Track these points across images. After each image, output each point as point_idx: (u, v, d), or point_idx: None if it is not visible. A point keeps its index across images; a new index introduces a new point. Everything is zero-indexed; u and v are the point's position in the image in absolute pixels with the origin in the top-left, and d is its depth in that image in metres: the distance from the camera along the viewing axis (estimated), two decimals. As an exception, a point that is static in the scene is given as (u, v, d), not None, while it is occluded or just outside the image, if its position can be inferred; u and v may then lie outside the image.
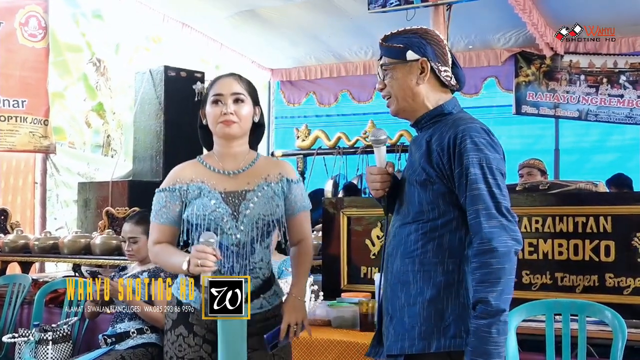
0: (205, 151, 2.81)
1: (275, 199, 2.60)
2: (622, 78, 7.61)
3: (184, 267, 2.40)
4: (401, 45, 2.27)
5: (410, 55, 2.27)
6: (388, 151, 7.67)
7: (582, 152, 8.14)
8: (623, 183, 6.47)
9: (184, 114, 6.38)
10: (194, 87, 6.09)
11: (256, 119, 2.67)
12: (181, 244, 2.59)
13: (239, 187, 2.58)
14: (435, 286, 2.15)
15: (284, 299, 2.71)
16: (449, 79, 2.30)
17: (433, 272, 2.16)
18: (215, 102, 2.57)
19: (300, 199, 2.69)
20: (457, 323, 2.13)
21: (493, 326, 2.00)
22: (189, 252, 2.46)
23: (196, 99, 5.82)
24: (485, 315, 2.01)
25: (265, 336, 2.54)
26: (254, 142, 2.73)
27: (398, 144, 7.57)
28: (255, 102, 2.67)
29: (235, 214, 2.54)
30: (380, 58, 2.33)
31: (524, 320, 3.13)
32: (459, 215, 2.15)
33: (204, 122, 2.64)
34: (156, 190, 2.66)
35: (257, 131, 2.73)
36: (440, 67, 2.27)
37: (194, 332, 2.56)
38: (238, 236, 2.53)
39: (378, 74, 2.35)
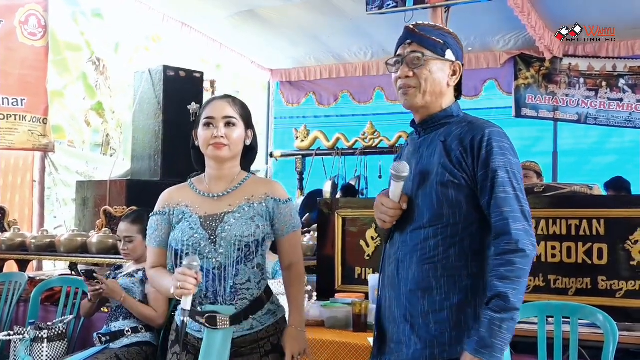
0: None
1: (256, 219, 2.58)
2: (622, 81, 7.61)
3: (171, 290, 2.43)
4: (441, 41, 2.24)
5: (449, 54, 2.25)
6: (387, 152, 7.73)
7: (580, 154, 8.14)
8: (622, 186, 6.49)
9: (182, 113, 6.39)
10: (188, 107, 6.15)
11: (248, 142, 2.68)
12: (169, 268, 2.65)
13: (218, 210, 2.59)
14: (462, 291, 2.11)
15: (285, 316, 2.71)
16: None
17: (458, 277, 2.12)
18: (207, 124, 2.59)
19: (290, 219, 2.66)
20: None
21: (505, 322, 2.00)
22: None
23: (191, 119, 5.87)
24: (501, 310, 2.00)
25: None
26: (245, 165, 2.74)
27: (397, 145, 7.60)
28: (248, 125, 2.68)
29: (212, 237, 2.54)
30: (410, 44, 2.24)
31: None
32: (480, 218, 2.13)
33: (196, 143, 2.66)
34: (150, 215, 2.72)
35: (248, 154, 2.74)
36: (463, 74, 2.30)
37: (188, 350, 2.61)
38: (219, 259, 2.53)
39: (404, 59, 2.24)
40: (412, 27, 2.28)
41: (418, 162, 2.24)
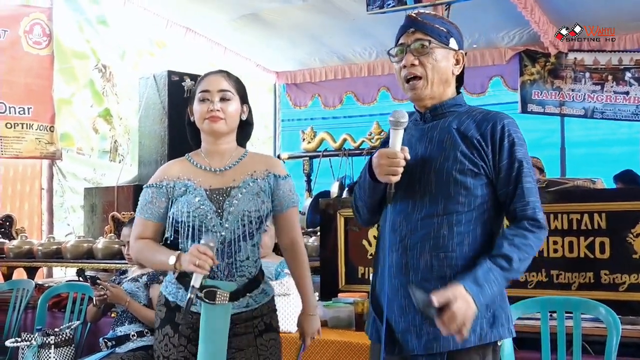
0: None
1: (261, 195, 2.58)
2: (628, 75, 7.55)
3: (171, 262, 2.41)
4: (445, 30, 2.22)
5: (453, 43, 2.24)
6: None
7: (589, 146, 8.08)
8: (631, 179, 6.44)
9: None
10: (182, 84, 6.12)
11: (244, 117, 2.67)
12: (167, 241, 2.59)
13: (224, 184, 2.58)
14: None
15: (274, 295, 2.71)
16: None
17: (472, 267, 2.09)
18: (203, 99, 2.57)
19: (289, 195, 2.66)
20: (499, 312, 2.15)
21: (500, 278, 2.04)
22: (173, 250, 2.48)
23: (185, 95, 5.85)
24: (502, 268, 2.04)
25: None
26: (241, 140, 2.72)
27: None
28: (243, 100, 2.66)
29: (219, 211, 2.53)
30: (414, 32, 2.20)
31: (519, 319, 3.13)
32: (491, 207, 2.16)
33: (192, 119, 2.64)
34: (144, 186, 2.67)
35: (245, 129, 2.72)
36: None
37: (180, 332, 2.56)
38: (223, 234, 2.51)
39: (408, 47, 2.20)
40: (414, 15, 2.24)
41: (427, 146, 2.20)
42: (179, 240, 2.54)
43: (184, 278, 2.52)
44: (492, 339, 2.13)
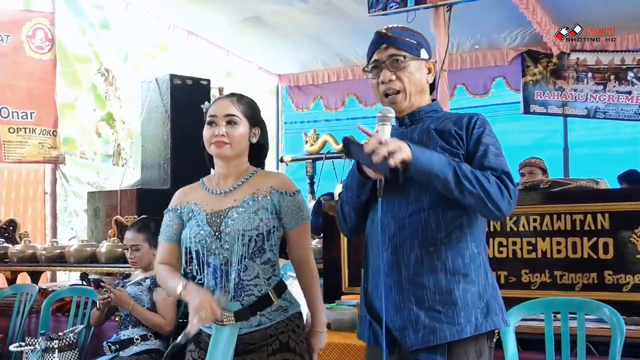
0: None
1: (260, 212, 2.55)
2: (630, 74, 7.56)
3: (178, 290, 2.48)
4: (415, 42, 2.32)
5: (423, 53, 2.33)
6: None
7: (592, 146, 8.07)
8: (635, 179, 6.42)
9: (190, 121, 6.37)
10: (202, 106, 6.12)
11: (253, 140, 2.66)
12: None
13: (223, 206, 2.58)
14: (466, 271, 2.18)
15: (299, 312, 2.70)
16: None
17: (461, 258, 2.19)
18: (210, 123, 2.59)
19: (297, 212, 2.61)
20: (492, 303, 2.21)
21: (447, 166, 2.10)
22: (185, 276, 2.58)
23: (204, 118, 5.85)
24: (450, 163, 2.11)
25: None
26: (256, 163, 2.72)
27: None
28: (254, 123, 2.66)
29: (217, 233, 2.54)
30: (387, 48, 2.29)
31: (523, 320, 3.13)
32: None
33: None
34: (164, 211, 2.73)
35: (257, 152, 2.72)
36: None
37: (200, 347, 2.61)
38: (225, 255, 2.53)
39: (384, 63, 2.29)
40: (384, 31, 2.33)
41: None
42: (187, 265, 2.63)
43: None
44: (487, 328, 2.19)
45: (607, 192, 3.78)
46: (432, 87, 2.41)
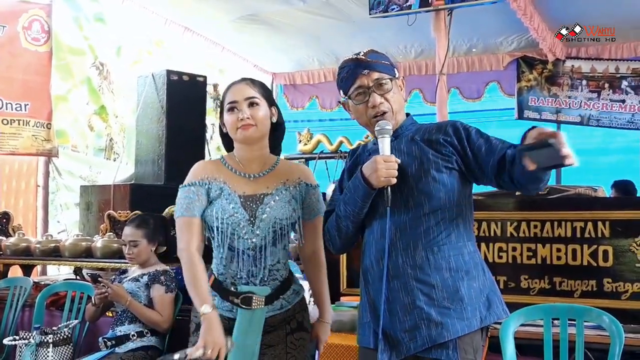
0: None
1: (292, 202, 2.62)
2: (624, 83, 7.61)
3: (203, 310, 2.44)
4: (389, 63, 2.43)
5: (396, 72, 2.45)
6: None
7: (585, 155, 8.12)
8: (628, 190, 6.48)
9: (186, 117, 6.40)
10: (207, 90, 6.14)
11: (274, 120, 2.68)
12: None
13: (257, 191, 2.61)
14: (468, 268, 2.30)
15: (306, 297, 2.79)
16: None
17: (461, 256, 2.31)
18: (232, 109, 2.60)
19: (317, 204, 2.69)
20: (492, 296, 2.35)
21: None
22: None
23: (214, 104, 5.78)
24: None
25: None
26: (275, 143, 2.74)
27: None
28: (271, 103, 2.69)
29: (252, 219, 2.57)
30: (369, 74, 2.37)
31: (522, 325, 3.14)
32: (467, 202, 2.38)
33: (224, 130, 2.68)
34: (180, 187, 2.65)
35: (276, 131, 2.73)
36: None
37: None
38: (254, 240, 2.56)
39: (370, 88, 2.36)
40: (363, 57, 2.40)
41: (398, 158, 2.34)
42: (213, 244, 2.63)
43: (218, 286, 2.62)
44: (491, 320, 2.32)
45: (608, 201, 3.82)
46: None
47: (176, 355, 2.42)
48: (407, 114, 2.52)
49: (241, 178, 2.64)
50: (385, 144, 2.32)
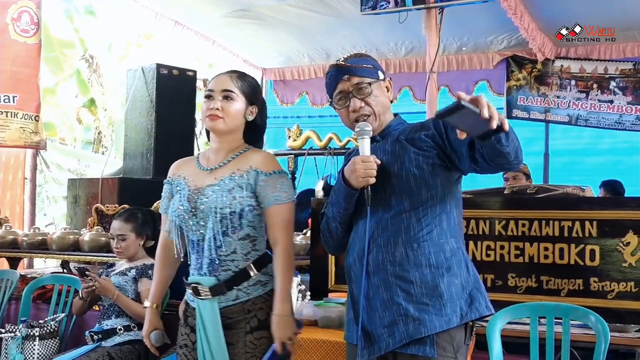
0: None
1: (234, 191, 2.59)
2: (612, 84, 7.65)
3: (145, 304, 2.92)
4: (371, 66, 2.47)
5: (380, 74, 2.49)
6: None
7: (572, 155, 8.18)
8: (616, 190, 6.52)
9: (175, 111, 6.37)
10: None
11: (249, 118, 2.70)
12: None
13: (204, 183, 2.66)
14: (449, 265, 2.32)
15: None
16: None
17: (443, 253, 2.33)
18: (207, 97, 2.66)
19: (271, 191, 2.61)
20: (475, 293, 2.36)
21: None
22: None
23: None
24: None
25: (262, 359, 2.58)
26: (250, 141, 2.74)
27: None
28: (251, 101, 2.70)
29: (193, 210, 2.62)
30: (349, 79, 2.43)
31: (509, 323, 3.15)
32: (451, 198, 2.39)
33: None
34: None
35: (252, 131, 2.75)
36: None
37: (187, 323, 2.73)
38: (201, 231, 2.62)
39: (350, 93, 2.42)
40: (342, 62, 2.48)
41: (382, 158, 2.38)
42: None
43: (186, 277, 2.72)
44: (472, 317, 2.33)
45: (595, 200, 3.84)
46: (390, 102, 2.55)
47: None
48: (396, 114, 2.55)
49: (200, 172, 2.71)
50: (364, 145, 2.36)
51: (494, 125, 1.93)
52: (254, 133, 2.76)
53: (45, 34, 7.68)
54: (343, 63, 2.47)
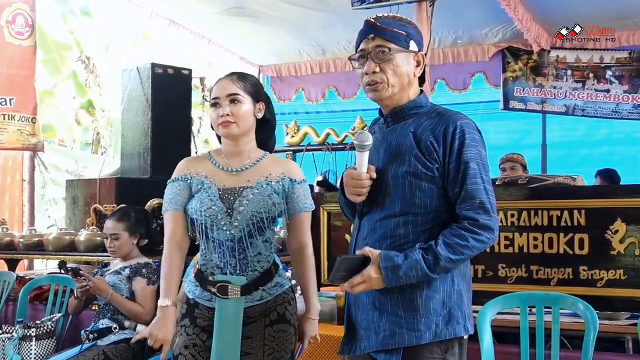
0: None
1: (273, 197, 2.64)
2: (608, 73, 7.64)
3: (162, 303, 2.62)
4: (404, 33, 2.25)
5: (413, 45, 2.26)
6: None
7: (569, 146, 8.19)
8: (611, 178, 6.51)
9: (171, 111, 6.39)
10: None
11: (259, 115, 2.71)
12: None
13: (237, 184, 2.65)
14: (430, 279, 2.16)
15: (291, 286, 2.81)
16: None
17: None
18: (214, 104, 2.66)
19: (302, 200, 2.72)
20: (455, 311, 2.19)
21: (424, 276, 2.12)
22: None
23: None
24: (430, 266, 2.10)
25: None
26: (263, 138, 2.78)
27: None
28: (257, 98, 2.71)
29: (229, 210, 2.61)
30: (374, 38, 2.24)
31: (499, 313, 3.17)
32: (448, 209, 2.19)
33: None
34: (167, 182, 2.75)
35: (264, 127, 2.77)
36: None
37: (196, 324, 2.69)
38: (232, 232, 2.61)
39: (369, 54, 2.24)
40: (373, 20, 2.27)
41: (387, 150, 2.28)
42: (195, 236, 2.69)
43: (200, 276, 2.68)
44: (447, 336, 2.18)
45: (583, 189, 3.83)
46: (422, 79, 2.34)
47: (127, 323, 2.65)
48: (421, 91, 2.34)
49: (223, 172, 2.69)
50: (362, 159, 2.23)
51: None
52: (265, 129, 2.78)
53: (41, 36, 7.72)
54: (373, 21, 2.26)
